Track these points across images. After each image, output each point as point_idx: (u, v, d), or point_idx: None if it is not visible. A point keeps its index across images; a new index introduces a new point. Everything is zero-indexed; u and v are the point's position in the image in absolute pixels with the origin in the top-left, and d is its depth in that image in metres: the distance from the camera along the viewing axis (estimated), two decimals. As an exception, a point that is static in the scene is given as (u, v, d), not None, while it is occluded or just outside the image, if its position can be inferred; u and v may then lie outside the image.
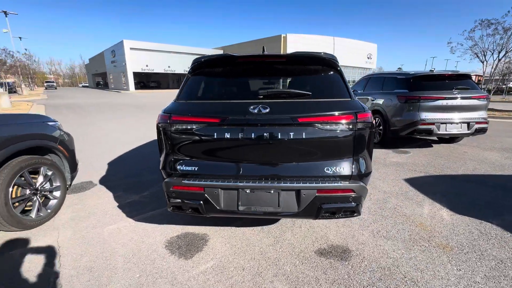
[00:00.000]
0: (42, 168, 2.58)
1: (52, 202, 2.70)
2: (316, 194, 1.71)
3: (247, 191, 1.74)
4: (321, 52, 1.97)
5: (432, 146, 5.51)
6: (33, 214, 2.46)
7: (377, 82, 6.21)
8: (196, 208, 1.80)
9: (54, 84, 48.50)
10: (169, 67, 40.43)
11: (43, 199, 2.64)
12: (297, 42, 36.13)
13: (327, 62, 1.98)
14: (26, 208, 2.47)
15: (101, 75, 58.46)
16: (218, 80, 2.00)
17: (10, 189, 2.25)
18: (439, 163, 4.33)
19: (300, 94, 1.82)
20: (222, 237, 2.28)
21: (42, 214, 2.54)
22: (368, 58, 46.93)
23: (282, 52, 35.40)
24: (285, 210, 1.75)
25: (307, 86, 1.96)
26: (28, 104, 16.12)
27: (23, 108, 13.65)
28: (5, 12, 24.33)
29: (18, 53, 33.86)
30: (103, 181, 3.68)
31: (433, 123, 4.74)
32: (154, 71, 39.46)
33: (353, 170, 1.79)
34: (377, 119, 5.69)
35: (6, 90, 18.83)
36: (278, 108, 1.73)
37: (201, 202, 1.77)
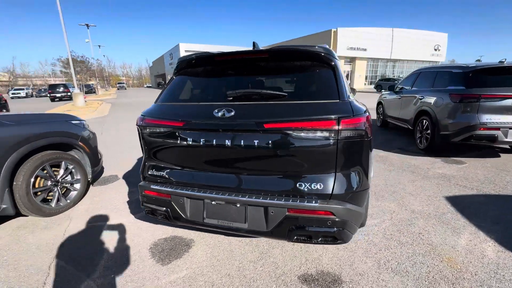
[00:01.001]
0: (63, 162, 2.86)
1: (73, 193, 2.99)
2: (287, 213, 1.44)
3: (213, 203, 1.58)
4: (314, 46, 1.67)
5: (499, 156, 4.43)
6: (53, 204, 2.75)
7: (427, 77, 5.28)
8: (163, 215, 1.73)
9: (124, 85, 56.09)
10: (219, 67, 42.31)
11: (64, 190, 2.94)
12: (347, 36, 33.77)
13: (317, 57, 1.66)
14: (48, 198, 2.78)
15: (161, 76, 64.78)
16: (195, 81, 1.88)
17: (32, 180, 2.55)
18: (502, 179, 3.43)
19: (274, 95, 1.55)
20: (206, 245, 2.17)
21: (61, 204, 2.83)
22: (436, 50, 41.00)
23: (331, 48, 33.69)
24: (253, 227, 1.53)
25: (290, 85, 1.69)
26: (98, 102, 18.74)
27: (94, 106, 15.91)
28: (87, 25, 29.05)
29: (95, 60, 39.80)
30: (127, 176, 3.95)
31: (498, 128, 3.77)
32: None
33: (334, 188, 1.45)
34: (424, 121, 4.84)
35: (83, 91, 22.22)
36: (243, 112, 1.51)
37: (168, 209, 1.69)
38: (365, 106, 1.78)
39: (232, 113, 1.50)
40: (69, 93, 22.22)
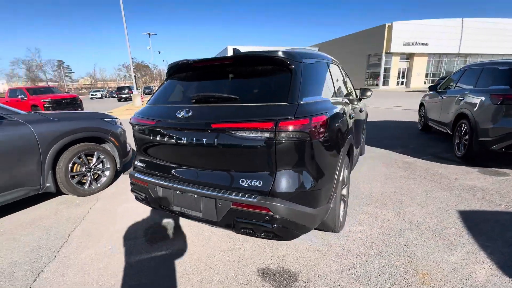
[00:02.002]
0: (95, 153, 3.46)
1: (103, 179, 3.58)
2: (231, 206, 1.57)
3: (177, 192, 1.79)
4: (277, 51, 1.75)
5: (562, 170, 3.65)
6: (86, 186, 3.36)
7: (472, 75, 4.62)
8: (144, 200, 2.02)
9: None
10: (264, 68, 42.97)
11: (96, 176, 3.54)
12: (404, 31, 30.65)
13: (276, 62, 1.73)
14: (82, 181, 3.40)
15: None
16: (176, 85, 2.11)
17: (70, 165, 3.16)
18: (549, 196, 2.85)
19: (227, 98, 1.68)
20: (191, 233, 2.40)
21: (93, 187, 3.43)
22: (522, 40, 34.24)
23: (385, 44, 31.12)
24: (206, 217, 1.70)
25: (247, 88, 1.78)
26: (153, 103, 21.00)
27: (148, 106, 17.92)
28: (149, 34, 32.89)
29: (152, 64, 44.46)
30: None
31: (551, 136, 3.13)
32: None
33: (273, 186, 1.51)
34: (463, 125, 4.27)
35: (141, 93, 25.12)
36: (199, 113, 1.68)
37: (146, 195, 1.97)
38: (327, 110, 1.78)
39: (190, 114, 1.69)
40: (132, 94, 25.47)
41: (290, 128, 1.46)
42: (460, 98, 4.47)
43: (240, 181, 1.58)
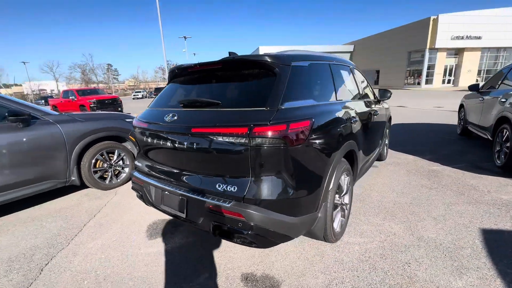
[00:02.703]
0: (116, 150, 3.75)
1: (122, 175, 3.87)
2: (209, 209, 1.58)
3: (166, 192, 1.87)
4: (263, 55, 1.72)
5: None
6: (107, 181, 3.67)
7: (518, 74, 4.02)
8: (141, 197, 2.14)
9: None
10: (296, 67, 42.32)
11: (116, 172, 3.84)
12: (453, 23, 27.69)
13: (261, 66, 1.69)
14: (104, 176, 3.71)
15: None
16: (174, 89, 2.17)
17: (93, 161, 3.48)
18: None
19: (209, 103, 1.69)
20: (188, 231, 2.48)
21: (113, 182, 3.73)
22: None
23: (429, 39, 28.47)
24: (189, 217, 1.74)
25: (232, 92, 1.77)
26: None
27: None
28: (184, 37, 34.66)
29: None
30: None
31: None
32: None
33: (247, 192, 1.49)
34: (504, 130, 3.74)
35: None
36: (183, 117, 1.71)
37: (141, 193, 2.09)
38: (315, 115, 1.70)
39: (175, 118, 1.74)
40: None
41: (265, 134, 1.43)
42: (503, 100, 3.92)
43: (217, 186, 1.59)
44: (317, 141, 1.68)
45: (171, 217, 2.74)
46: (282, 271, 1.89)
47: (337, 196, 2.17)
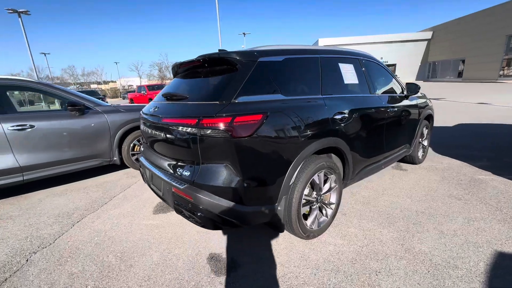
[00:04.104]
0: (151, 138, 4.38)
1: (156, 159, 4.50)
2: (172, 190, 1.81)
3: (153, 174, 2.18)
4: (232, 52, 1.82)
5: None
6: (142, 163, 4.34)
7: None
8: (142, 177, 2.53)
9: None
10: (359, 59, 38.97)
11: (151, 156, 4.48)
12: None
13: (229, 62, 1.78)
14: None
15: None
16: (171, 84, 2.42)
17: (131, 145, 4.16)
18: None
19: (180, 96, 1.88)
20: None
21: (147, 164, 4.38)
22: None
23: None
24: (164, 197, 2.00)
25: (200, 87, 1.90)
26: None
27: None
28: (244, 33, 35.90)
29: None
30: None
31: None
32: (343, 65, 39.72)
33: (196, 177, 1.64)
34: None
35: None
36: (161, 109, 1.95)
37: (142, 174, 2.47)
38: (271, 109, 1.72)
39: (156, 109, 2.01)
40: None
41: (210, 125, 1.55)
42: None
43: (178, 170, 1.81)
44: (274, 135, 1.71)
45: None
46: (246, 257, 2.00)
47: (314, 193, 2.13)
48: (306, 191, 2.06)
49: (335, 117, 2.11)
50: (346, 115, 2.22)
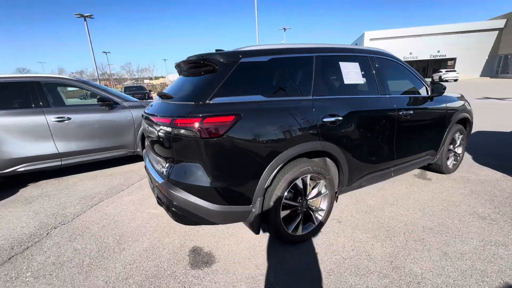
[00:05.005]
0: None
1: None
2: (155, 185, 1.92)
3: (147, 168, 2.33)
4: (213, 53, 1.85)
5: None
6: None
7: None
8: (145, 169, 2.73)
9: None
10: (410, 53, 35.42)
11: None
12: None
13: (211, 62, 1.81)
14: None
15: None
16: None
17: (153, 139, 4.50)
18: None
19: (167, 96, 1.97)
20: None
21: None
22: None
23: None
24: (153, 190, 2.14)
25: (185, 88, 1.94)
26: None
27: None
28: (284, 28, 35.44)
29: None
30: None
31: None
32: (391, 60, 36.46)
33: (170, 173, 1.71)
34: None
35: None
36: (154, 107, 2.06)
37: (145, 166, 2.67)
38: (242, 111, 1.70)
39: (150, 108, 2.14)
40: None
41: (181, 125, 1.61)
42: None
43: (160, 166, 1.92)
44: (247, 137, 1.69)
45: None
46: (225, 254, 2.05)
47: (298, 197, 2.06)
48: (288, 195, 2.01)
49: (324, 120, 2.00)
50: (340, 118, 2.08)
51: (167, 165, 1.84)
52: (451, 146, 3.45)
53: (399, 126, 2.54)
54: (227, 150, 1.67)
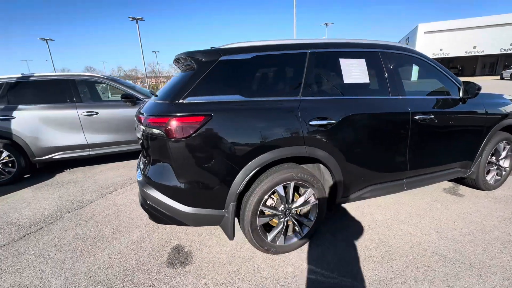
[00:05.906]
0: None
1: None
2: (138, 180, 1.96)
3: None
4: (194, 51, 1.81)
5: None
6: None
7: None
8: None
9: None
10: (474, 47, 30.83)
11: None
12: None
13: (192, 61, 1.75)
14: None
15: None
16: None
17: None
18: None
19: (154, 95, 1.97)
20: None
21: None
22: None
23: None
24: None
25: (168, 86, 1.92)
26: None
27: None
28: (326, 24, 34.04)
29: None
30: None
31: None
32: (450, 55, 32.30)
33: (146, 172, 1.72)
34: None
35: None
36: (144, 105, 2.10)
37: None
38: (213, 112, 1.62)
39: (142, 106, 2.19)
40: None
41: (150, 124, 1.61)
42: None
43: (142, 163, 1.96)
44: (218, 139, 1.62)
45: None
46: (203, 256, 2.01)
47: (281, 205, 1.91)
48: (270, 202, 1.88)
49: (312, 123, 1.81)
50: (333, 121, 1.87)
51: (145, 163, 1.87)
52: (493, 158, 2.88)
53: (414, 132, 2.19)
54: (197, 152, 1.62)
